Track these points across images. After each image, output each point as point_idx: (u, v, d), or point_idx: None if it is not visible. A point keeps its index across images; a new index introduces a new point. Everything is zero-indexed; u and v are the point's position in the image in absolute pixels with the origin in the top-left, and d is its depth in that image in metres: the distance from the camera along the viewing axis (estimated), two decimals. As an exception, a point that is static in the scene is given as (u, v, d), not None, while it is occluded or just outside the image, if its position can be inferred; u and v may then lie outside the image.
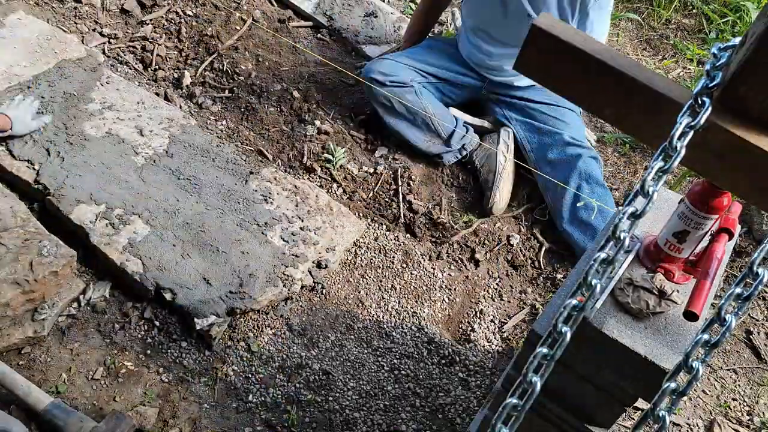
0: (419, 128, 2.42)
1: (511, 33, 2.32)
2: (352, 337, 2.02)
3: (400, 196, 2.36)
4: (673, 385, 0.76)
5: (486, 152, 2.39)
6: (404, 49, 2.59)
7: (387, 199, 2.37)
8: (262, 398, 1.85)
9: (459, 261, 2.27)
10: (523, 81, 2.44)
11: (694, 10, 3.37)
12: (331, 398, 1.88)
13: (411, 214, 2.34)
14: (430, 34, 2.73)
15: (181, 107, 2.51)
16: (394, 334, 2.05)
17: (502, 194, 2.35)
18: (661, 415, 0.75)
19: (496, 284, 2.24)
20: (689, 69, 3.09)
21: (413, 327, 2.08)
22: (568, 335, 0.78)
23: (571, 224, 2.29)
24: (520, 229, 2.36)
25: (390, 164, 2.44)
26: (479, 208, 2.39)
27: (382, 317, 2.08)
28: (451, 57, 2.52)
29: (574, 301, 0.81)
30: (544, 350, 0.78)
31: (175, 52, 2.70)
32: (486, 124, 2.53)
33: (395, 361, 1.99)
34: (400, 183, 2.39)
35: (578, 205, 2.26)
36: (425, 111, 2.38)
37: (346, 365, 1.95)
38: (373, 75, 2.40)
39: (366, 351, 1.99)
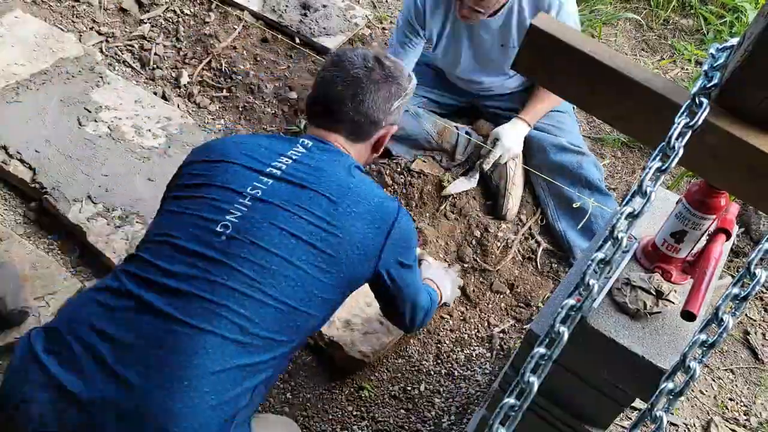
0: (423, 148, 2.41)
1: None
2: (350, 336, 2.02)
3: (399, 197, 2.36)
4: (670, 385, 0.76)
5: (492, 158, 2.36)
6: None
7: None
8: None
9: (459, 260, 2.27)
10: (511, 83, 2.42)
11: (692, 11, 3.37)
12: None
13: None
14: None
15: (179, 106, 2.51)
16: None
17: (514, 200, 2.34)
18: (658, 415, 0.75)
19: (495, 284, 2.23)
20: (687, 69, 3.10)
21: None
22: (566, 335, 0.78)
23: (571, 231, 2.28)
24: (518, 229, 2.36)
25: (386, 164, 2.44)
26: (486, 210, 2.38)
27: (380, 317, 2.08)
28: (438, 78, 2.48)
29: (571, 301, 0.81)
30: (542, 350, 0.78)
31: (173, 51, 2.70)
32: (488, 130, 2.50)
33: (394, 358, 1.99)
34: (400, 183, 2.38)
35: (575, 206, 2.26)
36: (426, 131, 2.36)
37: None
38: None
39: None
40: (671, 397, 0.76)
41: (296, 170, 1.31)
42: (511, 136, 2.30)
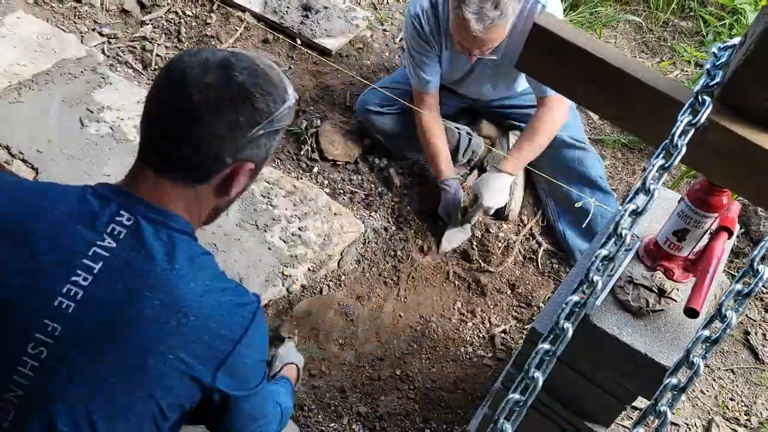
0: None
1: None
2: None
3: (393, 196, 2.37)
4: (674, 380, 0.76)
5: (497, 158, 2.36)
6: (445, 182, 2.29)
7: (388, 199, 2.37)
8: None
9: (461, 261, 2.27)
10: (508, 92, 2.40)
11: (692, 13, 3.38)
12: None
13: (413, 215, 2.34)
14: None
15: (180, 107, 2.51)
16: (393, 332, 2.05)
17: (516, 201, 2.34)
18: (662, 410, 0.76)
19: (496, 284, 2.24)
20: (687, 71, 3.11)
21: (413, 326, 2.08)
22: (570, 331, 0.79)
23: (570, 231, 2.28)
24: (519, 230, 2.37)
25: (391, 164, 2.44)
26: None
27: (382, 316, 2.08)
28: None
29: (575, 298, 0.81)
30: (546, 346, 0.79)
31: (175, 52, 2.71)
32: (489, 131, 2.50)
33: (395, 360, 1.99)
34: (399, 183, 2.39)
35: (576, 205, 2.25)
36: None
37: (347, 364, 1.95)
38: (369, 107, 2.39)
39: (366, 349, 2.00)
40: (675, 392, 0.77)
41: (101, 294, 0.94)
42: (492, 191, 2.20)
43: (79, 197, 1.02)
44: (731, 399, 2.07)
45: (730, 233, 1.11)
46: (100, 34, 2.72)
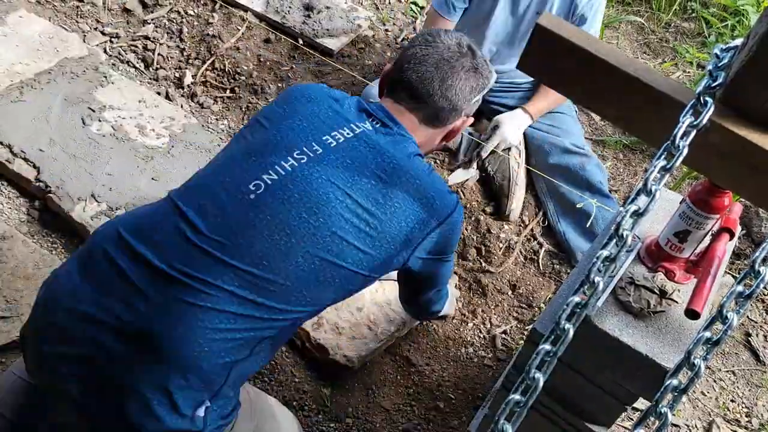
0: None
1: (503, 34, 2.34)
2: (352, 336, 2.02)
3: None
4: (675, 382, 0.76)
5: (498, 158, 2.37)
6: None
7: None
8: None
9: (461, 261, 2.27)
10: (517, 77, 2.43)
11: (694, 14, 3.38)
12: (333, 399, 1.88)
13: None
14: None
15: (182, 106, 2.52)
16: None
17: (518, 201, 2.34)
18: (663, 411, 0.76)
19: (497, 285, 2.24)
20: (689, 72, 3.11)
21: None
22: (571, 332, 0.79)
23: (571, 232, 2.29)
24: (520, 231, 2.37)
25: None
26: (489, 211, 2.38)
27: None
28: None
29: (576, 299, 0.81)
30: (547, 347, 0.79)
31: (177, 52, 2.71)
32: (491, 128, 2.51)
33: (395, 359, 1.99)
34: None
35: (578, 206, 2.26)
36: None
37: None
38: (373, 100, 2.38)
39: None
40: (676, 394, 0.77)
41: (356, 144, 1.31)
42: (512, 125, 2.29)
43: (357, 100, 1.44)
44: (732, 400, 2.07)
45: (732, 235, 1.11)
46: (103, 33, 2.72)
